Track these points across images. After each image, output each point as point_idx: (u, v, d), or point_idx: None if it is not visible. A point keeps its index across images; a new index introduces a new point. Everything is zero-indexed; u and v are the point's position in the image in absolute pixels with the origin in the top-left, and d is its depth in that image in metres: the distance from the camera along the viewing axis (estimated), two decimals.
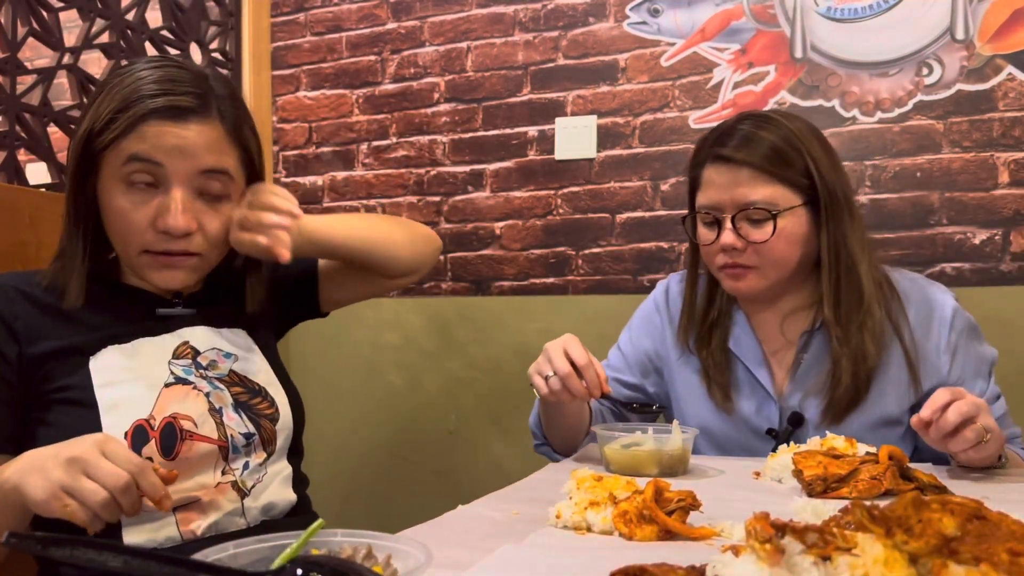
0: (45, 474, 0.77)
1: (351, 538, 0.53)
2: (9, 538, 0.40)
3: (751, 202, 1.20)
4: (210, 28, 2.29)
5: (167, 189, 0.95)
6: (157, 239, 0.96)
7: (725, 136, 1.23)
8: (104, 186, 0.96)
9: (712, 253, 1.25)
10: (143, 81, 0.95)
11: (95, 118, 0.94)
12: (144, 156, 0.93)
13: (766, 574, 0.45)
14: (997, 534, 0.46)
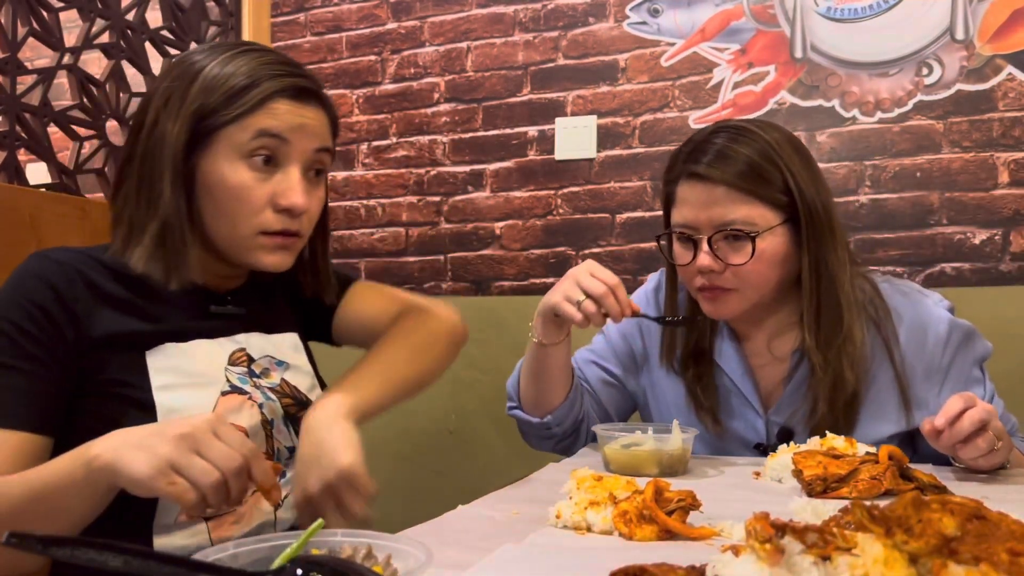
0: (151, 450, 0.71)
1: (351, 538, 0.53)
2: (9, 538, 0.40)
3: (728, 222, 1.14)
4: (210, 28, 2.29)
5: (285, 167, 0.93)
6: (275, 219, 0.93)
7: (698, 151, 1.17)
8: (216, 163, 0.92)
9: (689, 274, 1.20)
10: (262, 60, 0.93)
11: (208, 93, 0.91)
12: (274, 131, 0.91)
13: (766, 574, 0.45)
14: (997, 534, 0.46)
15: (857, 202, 1.92)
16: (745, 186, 1.14)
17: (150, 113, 0.94)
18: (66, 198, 1.27)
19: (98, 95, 1.88)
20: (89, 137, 1.86)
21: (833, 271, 1.17)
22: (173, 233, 0.92)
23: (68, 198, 1.27)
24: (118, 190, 0.97)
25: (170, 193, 0.91)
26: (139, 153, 0.94)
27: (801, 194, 1.15)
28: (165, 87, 0.93)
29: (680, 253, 1.21)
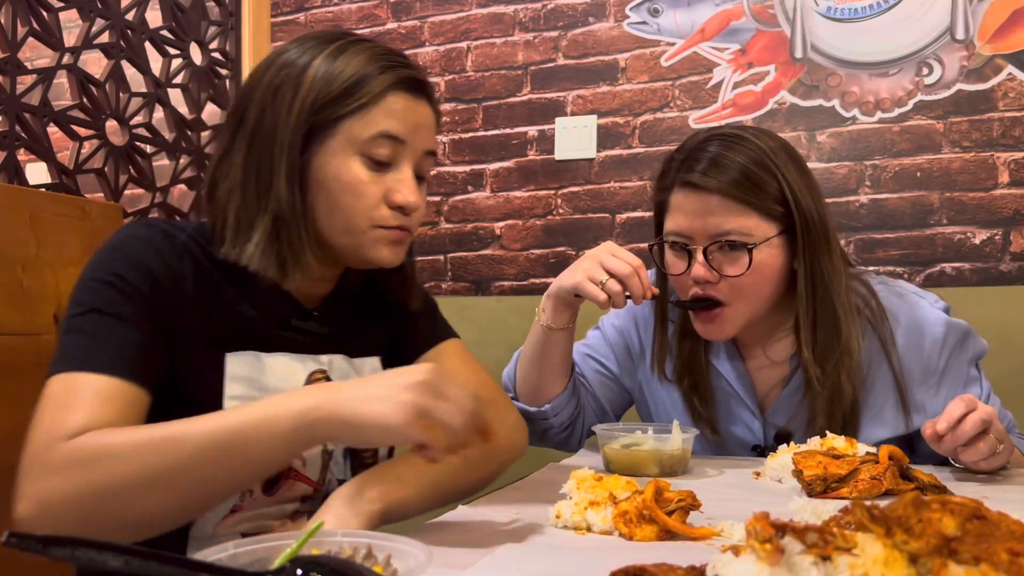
0: (395, 400, 0.71)
1: (351, 538, 0.53)
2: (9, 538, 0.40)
3: (724, 232, 1.13)
4: (210, 28, 2.29)
5: (398, 165, 0.91)
6: (390, 215, 0.91)
7: (692, 159, 1.16)
8: (331, 157, 0.89)
9: (682, 283, 1.18)
10: (375, 51, 0.91)
11: (324, 84, 0.88)
12: (394, 133, 0.89)
13: (766, 574, 0.45)
14: (997, 534, 0.46)
15: (857, 202, 1.92)
16: (740, 195, 1.12)
17: (253, 108, 0.90)
18: (66, 198, 1.27)
19: (98, 95, 1.88)
20: (89, 137, 1.86)
21: (829, 281, 1.16)
22: (288, 228, 0.88)
23: (68, 198, 1.27)
24: (215, 186, 0.92)
25: (285, 188, 0.88)
26: (244, 148, 0.90)
27: (797, 203, 1.14)
28: (269, 80, 0.90)
29: (673, 262, 1.19)
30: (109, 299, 0.81)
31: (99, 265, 0.84)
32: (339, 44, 0.91)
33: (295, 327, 0.95)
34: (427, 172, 0.97)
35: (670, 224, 1.18)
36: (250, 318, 0.91)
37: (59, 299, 1.16)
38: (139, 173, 1.99)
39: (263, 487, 0.89)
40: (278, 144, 0.88)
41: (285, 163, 0.88)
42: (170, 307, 0.84)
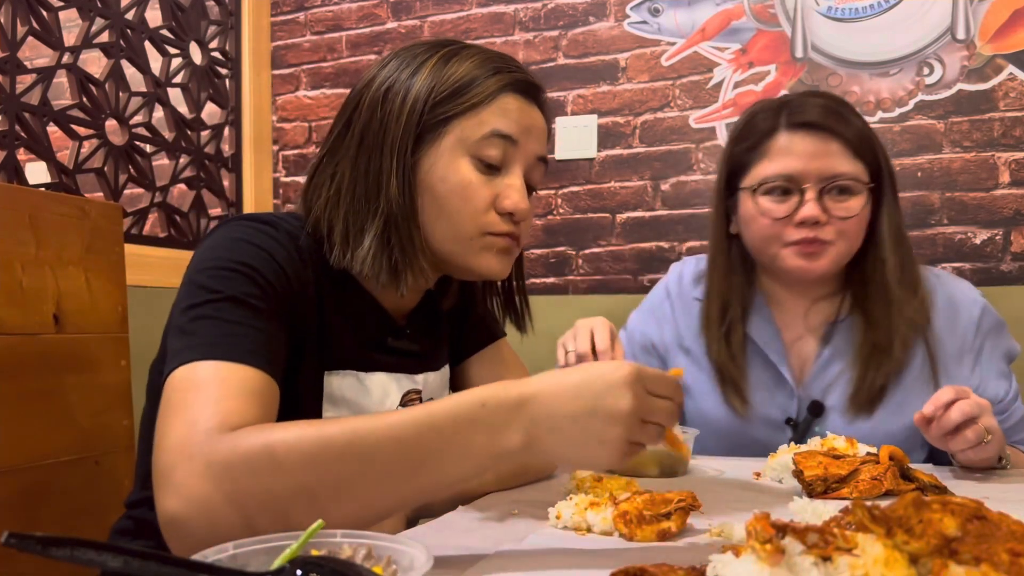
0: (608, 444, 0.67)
1: (351, 538, 0.53)
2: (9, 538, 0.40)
3: (840, 174, 1.15)
4: (210, 27, 2.28)
5: (509, 169, 0.88)
6: (498, 221, 0.87)
7: (800, 107, 1.18)
8: (441, 158, 0.86)
9: (780, 228, 1.18)
10: (488, 55, 0.89)
11: (436, 83, 0.86)
12: (506, 132, 0.86)
13: (766, 574, 0.45)
14: (997, 534, 0.46)
15: None
16: (856, 145, 1.17)
17: (362, 112, 0.88)
18: (66, 197, 1.27)
19: (98, 94, 1.88)
20: (88, 136, 1.86)
21: (907, 239, 1.22)
22: (399, 232, 0.85)
23: (68, 198, 1.27)
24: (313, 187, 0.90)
25: (396, 189, 0.85)
26: (352, 152, 0.87)
27: (888, 163, 1.20)
28: (379, 85, 0.89)
29: (773, 207, 1.18)
30: (244, 289, 0.77)
31: (226, 254, 0.79)
32: (451, 48, 0.90)
33: (391, 346, 0.92)
34: (537, 183, 0.93)
35: (773, 168, 1.18)
36: (347, 336, 0.88)
37: (59, 299, 1.16)
38: (139, 173, 1.99)
39: None
40: (388, 145, 0.85)
41: (396, 164, 0.85)
42: (294, 309, 0.81)
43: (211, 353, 0.71)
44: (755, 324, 1.27)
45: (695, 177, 2.07)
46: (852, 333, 1.23)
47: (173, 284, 0.82)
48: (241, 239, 0.81)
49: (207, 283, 0.77)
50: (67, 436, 1.15)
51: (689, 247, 2.07)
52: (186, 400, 0.68)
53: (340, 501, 0.65)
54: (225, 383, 0.69)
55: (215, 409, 0.67)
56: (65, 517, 1.14)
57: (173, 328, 0.76)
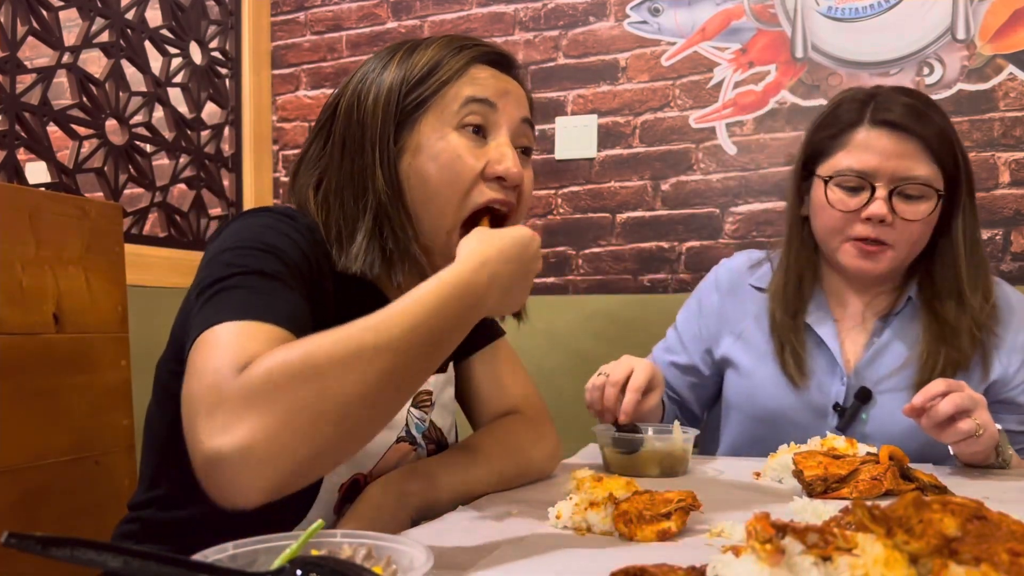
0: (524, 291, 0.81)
1: (351, 538, 0.53)
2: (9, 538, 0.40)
3: (913, 177, 1.16)
4: (210, 27, 2.28)
5: (493, 134, 0.88)
6: (488, 190, 0.87)
7: (886, 103, 1.19)
8: (424, 138, 0.86)
9: (847, 221, 1.20)
10: (454, 37, 0.91)
11: (406, 72, 0.87)
12: (480, 96, 0.87)
13: (766, 574, 0.45)
14: (997, 534, 0.46)
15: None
16: (935, 148, 1.17)
17: (340, 115, 0.90)
18: (66, 197, 1.27)
19: (98, 94, 1.88)
20: (88, 136, 1.86)
21: (982, 249, 1.23)
22: (391, 221, 0.86)
23: (68, 197, 1.27)
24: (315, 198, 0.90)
25: (382, 181, 0.86)
26: (336, 155, 0.89)
27: (967, 167, 1.21)
28: (353, 88, 0.90)
29: (843, 199, 1.20)
30: (272, 266, 0.76)
31: (251, 235, 0.80)
32: (415, 41, 0.92)
33: None
34: (530, 145, 0.94)
35: (850, 160, 1.19)
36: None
37: (59, 298, 1.16)
38: (139, 172, 1.99)
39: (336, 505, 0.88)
40: (369, 142, 0.87)
41: (379, 156, 0.86)
42: (316, 296, 0.81)
43: (235, 315, 0.69)
44: (811, 310, 1.29)
45: (695, 177, 2.07)
46: (910, 325, 1.24)
47: (173, 284, 0.82)
48: (265, 225, 0.82)
49: (233, 260, 0.76)
50: (67, 436, 1.15)
51: (689, 247, 2.07)
52: (210, 355, 0.66)
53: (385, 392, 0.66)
54: (252, 335, 0.67)
55: (240, 351, 0.65)
56: (65, 517, 1.14)
57: (195, 302, 0.75)
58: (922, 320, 1.23)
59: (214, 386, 0.62)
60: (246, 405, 0.60)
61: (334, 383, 0.62)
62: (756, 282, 1.36)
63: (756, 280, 1.36)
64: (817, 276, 1.31)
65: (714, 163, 2.05)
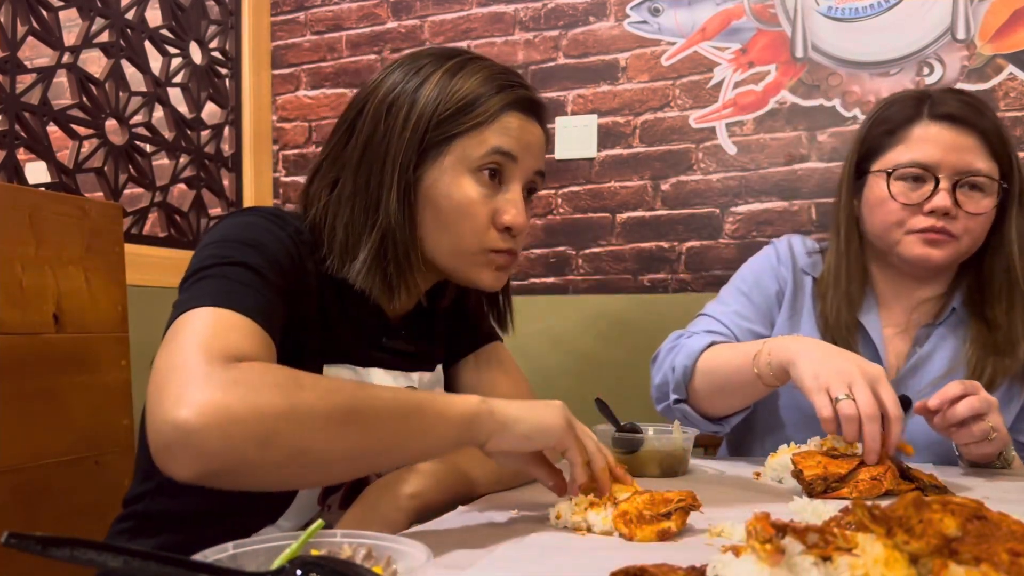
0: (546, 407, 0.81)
1: (351, 538, 0.53)
2: (9, 538, 0.40)
3: (975, 170, 1.16)
4: (210, 27, 2.28)
5: (507, 185, 0.90)
6: (497, 237, 0.90)
7: (943, 99, 1.19)
8: (443, 175, 0.88)
9: (910, 214, 1.19)
10: (492, 71, 0.90)
11: (441, 99, 0.87)
12: (506, 150, 0.88)
13: (766, 574, 0.45)
14: (997, 534, 0.46)
15: None
16: (995, 143, 1.17)
17: (365, 122, 0.89)
18: (66, 197, 1.27)
19: (97, 94, 1.88)
20: (88, 136, 1.86)
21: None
22: (396, 247, 0.87)
23: (68, 197, 1.27)
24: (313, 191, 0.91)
25: (395, 204, 0.87)
26: (354, 162, 0.89)
27: (1021, 169, 1.20)
28: (384, 95, 0.89)
29: (905, 192, 1.19)
30: (253, 259, 0.79)
31: (238, 231, 0.82)
32: (456, 62, 0.90)
33: (386, 346, 0.95)
34: (535, 191, 0.96)
35: (910, 154, 1.19)
36: (346, 331, 0.90)
37: (59, 299, 1.16)
38: (139, 172, 1.99)
39: (341, 502, 0.89)
40: (390, 160, 0.87)
41: (397, 179, 0.87)
42: (297, 298, 0.83)
43: (212, 301, 0.72)
44: (863, 311, 1.27)
45: (695, 177, 2.07)
46: (953, 336, 1.23)
47: (173, 284, 0.83)
48: (250, 223, 0.84)
49: (217, 252, 0.79)
50: (67, 436, 1.15)
51: (689, 247, 2.07)
52: (185, 332, 0.69)
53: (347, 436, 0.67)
54: (225, 323, 0.71)
55: (225, 342, 0.68)
56: (65, 517, 1.14)
57: (179, 292, 0.78)
58: (968, 330, 1.22)
59: (185, 365, 0.65)
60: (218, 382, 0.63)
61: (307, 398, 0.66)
62: (810, 270, 1.32)
63: (810, 268, 1.32)
64: (867, 278, 1.29)
65: (714, 163, 2.05)
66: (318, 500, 0.90)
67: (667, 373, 1.23)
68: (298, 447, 0.65)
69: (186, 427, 0.61)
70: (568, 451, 0.79)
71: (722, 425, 1.23)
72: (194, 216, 2.19)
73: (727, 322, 1.29)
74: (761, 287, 1.32)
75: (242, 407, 0.62)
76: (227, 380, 0.64)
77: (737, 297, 1.33)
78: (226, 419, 0.61)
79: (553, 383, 1.95)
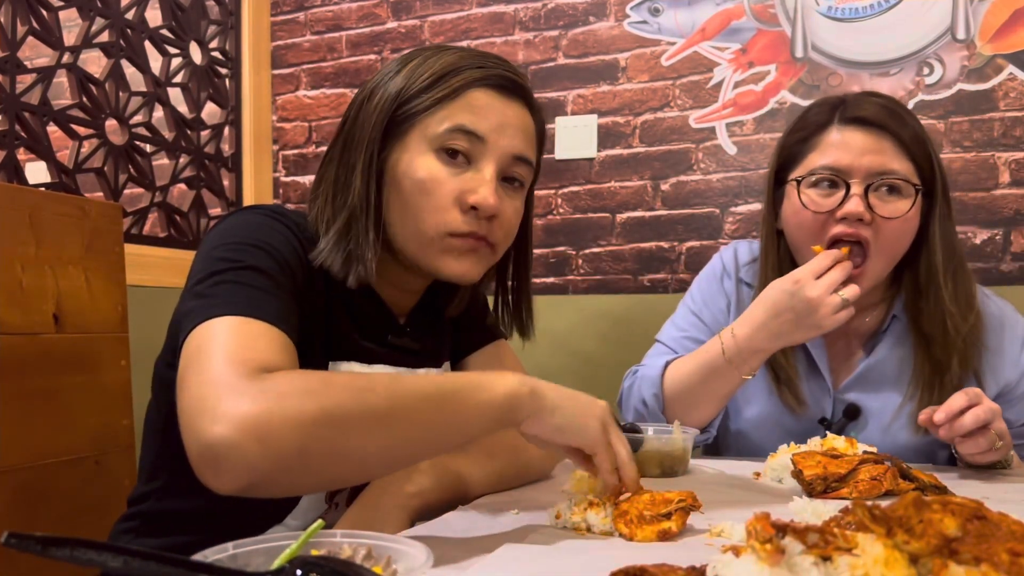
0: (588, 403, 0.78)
1: (351, 538, 0.53)
2: (9, 538, 0.40)
3: (889, 171, 1.12)
4: (210, 27, 2.28)
5: (478, 165, 0.86)
6: (463, 219, 0.85)
7: (858, 103, 1.17)
8: (406, 154, 0.86)
9: (823, 223, 1.15)
10: (471, 53, 0.89)
11: (409, 80, 0.86)
12: (470, 128, 0.85)
13: (766, 574, 0.45)
14: (997, 534, 0.46)
15: None
16: (910, 145, 1.15)
17: (353, 109, 0.90)
18: (66, 197, 1.27)
19: (97, 94, 1.88)
20: (88, 136, 1.86)
21: (961, 253, 1.20)
22: (358, 225, 0.86)
23: (68, 197, 1.27)
24: (317, 188, 0.93)
25: (360, 184, 0.86)
26: (337, 151, 0.90)
27: (941, 171, 1.17)
28: (370, 86, 0.90)
29: (818, 199, 1.15)
30: (264, 262, 0.78)
31: (244, 232, 0.82)
32: (435, 49, 0.90)
33: (391, 343, 0.94)
34: (523, 181, 0.91)
35: (823, 160, 1.16)
36: (351, 328, 0.90)
37: (59, 299, 1.16)
38: (139, 172, 1.99)
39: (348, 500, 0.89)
40: (359, 142, 0.87)
41: (363, 160, 0.86)
42: (304, 295, 0.83)
43: (234, 310, 0.72)
44: None
45: (695, 177, 2.07)
46: (898, 344, 1.22)
47: (173, 284, 0.83)
48: (257, 223, 0.84)
49: (226, 255, 0.78)
50: (67, 436, 1.15)
51: (689, 247, 2.07)
52: (212, 345, 0.68)
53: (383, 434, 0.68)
54: (249, 332, 0.70)
55: (253, 353, 0.68)
56: (65, 517, 1.14)
57: (188, 296, 0.77)
58: (910, 338, 1.21)
59: (218, 380, 0.65)
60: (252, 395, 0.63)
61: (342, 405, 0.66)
62: (747, 278, 1.32)
63: (748, 276, 1.32)
64: None
65: (714, 163, 2.05)
66: (325, 499, 0.90)
67: (638, 409, 1.25)
68: (337, 451, 0.65)
69: (226, 443, 0.61)
70: (597, 456, 0.77)
71: (708, 433, 1.25)
72: (194, 216, 2.19)
73: (677, 348, 1.31)
74: (709, 305, 1.34)
75: (278, 419, 0.62)
76: (261, 392, 0.63)
77: (687, 317, 1.36)
78: (265, 432, 0.62)
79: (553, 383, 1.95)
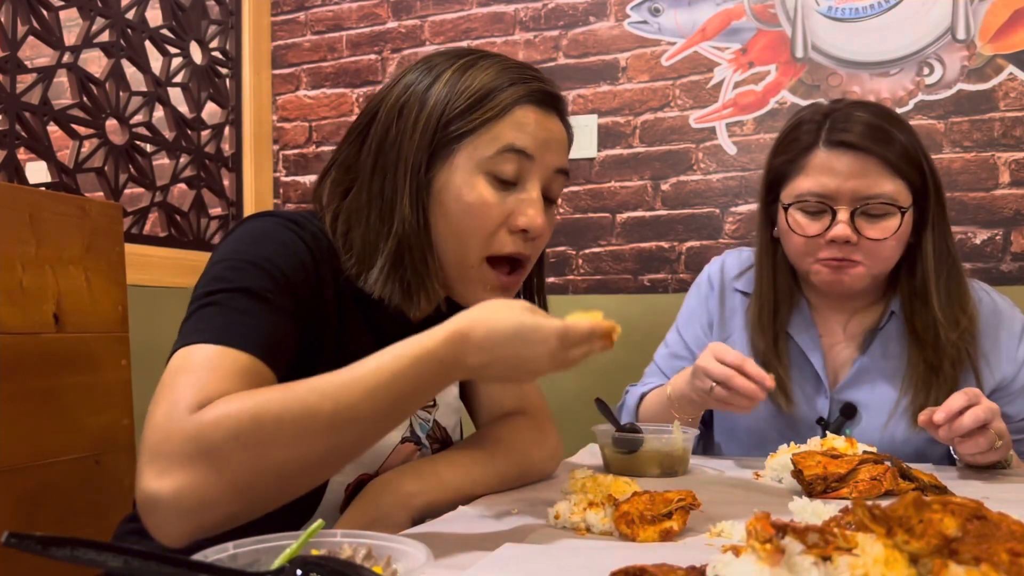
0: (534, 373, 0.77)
1: (351, 538, 0.53)
2: (9, 538, 0.40)
3: (875, 195, 1.14)
4: (210, 27, 2.28)
5: (525, 184, 0.85)
6: (509, 240, 0.85)
7: (842, 122, 1.16)
8: (454, 176, 0.84)
9: (813, 245, 1.18)
10: (505, 65, 0.86)
11: (450, 98, 0.83)
12: (519, 147, 0.83)
13: (766, 574, 0.45)
14: (997, 534, 0.46)
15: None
16: (897, 164, 1.15)
17: (378, 124, 0.87)
18: (66, 197, 1.27)
19: (98, 94, 1.88)
20: (89, 136, 1.86)
21: (955, 256, 1.21)
22: (412, 253, 0.84)
23: (68, 197, 1.27)
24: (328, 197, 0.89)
25: (409, 209, 0.83)
26: (368, 169, 0.86)
27: (935, 179, 1.18)
28: (395, 98, 0.86)
29: (805, 224, 1.18)
30: (258, 282, 0.77)
31: (246, 247, 0.80)
32: (467, 59, 0.87)
33: None
34: (557, 194, 0.91)
35: (809, 184, 1.17)
36: (367, 338, 0.87)
37: (59, 298, 1.16)
38: (139, 172, 1.99)
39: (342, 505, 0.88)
40: (402, 164, 0.84)
41: (409, 183, 0.83)
42: (311, 306, 0.82)
43: (210, 337, 0.72)
44: (796, 323, 1.27)
45: (695, 177, 2.07)
46: (895, 341, 1.23)
47: (173, 284, 0.83)
48: (264, 235, 0.82)
49: (222, 274, 0.78)
50: (67, 436, 1.15)
51: (689, 247, 2.07)
52: (175, 382, 0.70)
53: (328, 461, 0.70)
54: (217, 367, 0.70)
55: (198, 389, 0.68)
56: (65, 517, 1.14)
57: (187, 311, 0.78)
58: (907, 336, 1.22)
59: (164, 427, 0.67)
60: (186, 455, 0.65)
61: (277, 452, 0.67)
62: (742, 287, 1.34)
63: (742, 285, 1.34)
64: (800, 291, 1.29)
65: (714, 163, 2.05)
66: (340, 508, 0.88)
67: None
68: (278, 489, 0.68)
69: (165, 506, 0.64)
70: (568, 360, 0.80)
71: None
72: (194, 216, 2.19)
73: (665, 367, 1.36)
74: (691, 323, 1.37)
75: (214, 488, 0.64)
76: (198, 452, 0.64)
77: (673, 334, 1.40)
78: (199, 504, 0.64)
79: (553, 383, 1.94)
